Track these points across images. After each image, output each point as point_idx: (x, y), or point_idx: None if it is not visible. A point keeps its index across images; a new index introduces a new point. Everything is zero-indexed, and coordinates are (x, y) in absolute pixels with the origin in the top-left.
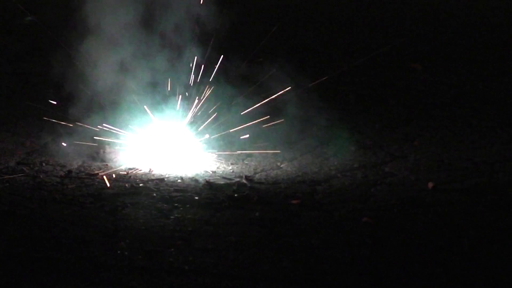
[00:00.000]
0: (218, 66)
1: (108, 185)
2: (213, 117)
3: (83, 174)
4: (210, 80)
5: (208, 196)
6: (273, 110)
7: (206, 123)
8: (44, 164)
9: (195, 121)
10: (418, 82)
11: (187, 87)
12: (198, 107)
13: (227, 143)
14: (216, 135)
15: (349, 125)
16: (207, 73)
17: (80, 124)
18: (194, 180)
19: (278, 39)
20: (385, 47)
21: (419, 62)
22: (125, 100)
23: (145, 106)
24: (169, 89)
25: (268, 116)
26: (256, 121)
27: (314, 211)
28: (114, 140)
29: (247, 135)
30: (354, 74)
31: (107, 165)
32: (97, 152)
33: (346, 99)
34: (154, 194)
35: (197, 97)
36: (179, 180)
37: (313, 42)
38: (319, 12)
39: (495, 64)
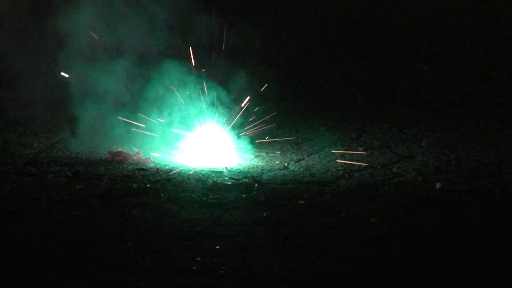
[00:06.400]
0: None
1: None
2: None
3: (91, 174)
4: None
5: (216, 196)
6: (281, 110)
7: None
8: (51, 164)
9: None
10: (425, 82)
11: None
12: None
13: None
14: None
15: (357, 125)
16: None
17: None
18: (202, 181)
19: (286, 39)
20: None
21: (427, 63)
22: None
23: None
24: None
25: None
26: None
27: (322, 211)
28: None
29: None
30: (361, 75)
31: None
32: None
33: (353, 100)
34: (162, 195)
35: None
36: (186, 181)
37: (319, 42)
38: (324, 11)
39: (502, 65)
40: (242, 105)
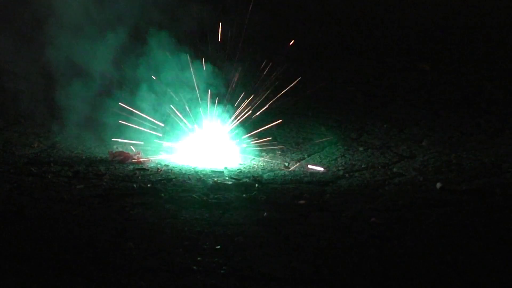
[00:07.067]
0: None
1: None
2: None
3: (91, 174)
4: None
5: (216, 196)
6: (281, 110)
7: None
8: (52, 164)
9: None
10: (426, 82)
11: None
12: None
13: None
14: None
15: (357, 125)
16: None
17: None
18: (202, 180)
19: (288, 38)
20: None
21: (427, 63)
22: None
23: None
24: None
25: (281, 120)
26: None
27: (322, 211)
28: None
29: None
30: (361, 75)
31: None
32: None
33: (354, 99)
34: (162, 195)
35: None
36: (187, 181)
37: (320, 41)
38: (326, 11)
39: (503, 65)
40: (243, 104)
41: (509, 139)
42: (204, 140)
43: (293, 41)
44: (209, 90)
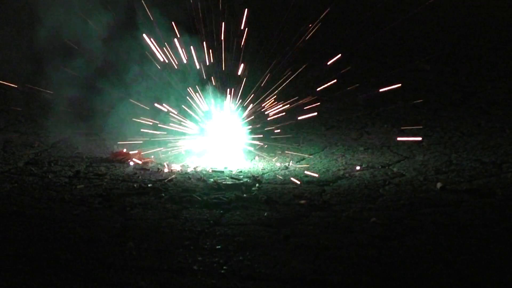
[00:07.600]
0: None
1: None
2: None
3: (91, 174)
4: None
5: (217, 196)
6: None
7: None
8: (52, 164)
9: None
10: (426, 82)
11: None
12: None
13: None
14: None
15: (358, 125)
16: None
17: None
18: (203, 180)
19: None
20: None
21: (428, 63)
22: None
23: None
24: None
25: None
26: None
27: (322, 211)
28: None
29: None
30: (362, 75)
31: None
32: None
33: (354, 99)
34: (163, 194)
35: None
36: (187, 180)
37: (319, 42)
38: (325, 11)
39: (503, 65)
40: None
41: (509, 139)
42: (204, 140)
43: (310, 25)
44: (207, 88)
